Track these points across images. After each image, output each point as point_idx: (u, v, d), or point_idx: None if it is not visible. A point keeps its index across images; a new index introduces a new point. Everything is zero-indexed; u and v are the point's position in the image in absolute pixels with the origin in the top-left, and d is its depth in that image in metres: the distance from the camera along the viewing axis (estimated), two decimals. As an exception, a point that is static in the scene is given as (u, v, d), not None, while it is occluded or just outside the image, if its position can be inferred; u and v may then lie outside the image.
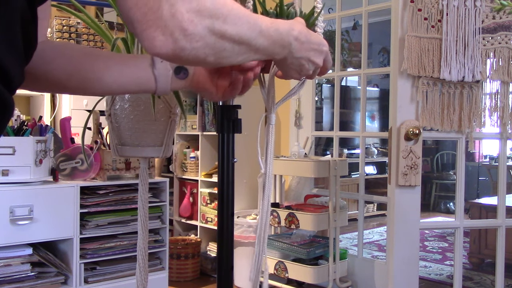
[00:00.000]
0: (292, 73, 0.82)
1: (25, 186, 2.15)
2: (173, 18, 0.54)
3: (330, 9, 4.47)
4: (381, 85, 7.33)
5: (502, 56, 2.43)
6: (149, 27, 0.55)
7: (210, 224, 3.52)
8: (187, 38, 0.56)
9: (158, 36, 0.55)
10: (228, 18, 0.59)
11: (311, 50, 0.79)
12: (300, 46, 0.77)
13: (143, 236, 1.14)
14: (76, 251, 2.27)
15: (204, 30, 0.57)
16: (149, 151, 1.09)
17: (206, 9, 0.56)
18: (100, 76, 0.83)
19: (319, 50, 0.81)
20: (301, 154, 2.90)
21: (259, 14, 0.68)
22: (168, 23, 0.54)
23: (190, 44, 0.57)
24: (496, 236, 2.58)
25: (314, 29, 0.93)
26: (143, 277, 1.14)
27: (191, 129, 3.69)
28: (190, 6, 0.55)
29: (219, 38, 0.59)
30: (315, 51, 0.80)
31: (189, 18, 0.55)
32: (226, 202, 1.11)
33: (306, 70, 0.82)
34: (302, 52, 0.78)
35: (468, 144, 2.53)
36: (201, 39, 0.57)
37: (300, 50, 0.77)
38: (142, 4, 0.54)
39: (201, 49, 0.58)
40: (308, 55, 0.79)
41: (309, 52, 0.79)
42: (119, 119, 1.08)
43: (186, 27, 0.55)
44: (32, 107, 3.65)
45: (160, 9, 0.54)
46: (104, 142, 2.45)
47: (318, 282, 2.74)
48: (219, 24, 0.58)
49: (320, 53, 0.82)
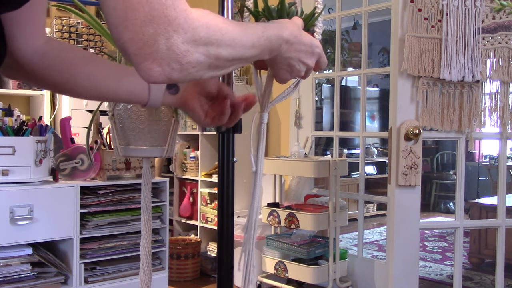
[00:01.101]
0: (282, 72, 0.83)
1: (25, 186, 2.15)
2: (169, 51, 0.55)
3: (330, 9, 4.48)
4: (381, 85, 7.33)
5: (502, 56, 2.43)
6: (146, 60, 0.55)
7: (210, 224, 3.52)
8: (183, 66, 0.57)
9: (155, 68, 0.55)
10: (222, 42, 0.60)
11: (302, 51, 0.80)
12: (289, 47, 0.77)
13: (146, 236, 1.14)
14: (76, 251, 2.27)
15: (200, 57, 0.58)
16: (153, 151, 1.09)
17: (201, 38, 0.57)
18: (97, 84, 0.85)
19: (310, 51, 0.82)
20: (301, 154, 2.90)
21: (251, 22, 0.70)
22: (165, 56, 0.55)
23: (186, 71, 0.58)
24: (496, 236, 2.58)
25: (314, 30, 0.93)
26: (147, 277, 1.14)
27: (191, 129, 3.70)
28: (186, 37, 0.55)
29: (213, 60, 0.60)
30: (306, 52, 0.81)
31: (185, 49, 0.56)
32: (226, 202, 1.11)
33: (297, 71, 0.82)
34: (291, 53, 0.78)
35: (468, 144, 2.53)
36: (197, 65, 0.58)
37: (289, 50, 0.78)
38: (138, 39, 0.54)
39: (196, 72, 0.60)
40: (298, 55, 0.80)
41: (299, 53, 0.80)
42: (123, 119, 1.08)
43: (182, 58, 0.56)
44: (32, 107, 3.65)
45: (156, 43, 0.54)
46: (104, 142, 2.45)
47: (318, 282, 2.74)
48: (214, 49, 0.59)
49: (312, 54, 0.82)
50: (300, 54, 0.80)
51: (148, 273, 1.15)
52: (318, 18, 0.94)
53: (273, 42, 0.73)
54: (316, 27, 0.94)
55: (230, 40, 0.61)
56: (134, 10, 0.53)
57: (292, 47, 0.78)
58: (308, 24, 0.93)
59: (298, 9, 0.95)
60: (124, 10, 0.53)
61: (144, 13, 0.53)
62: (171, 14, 0.54)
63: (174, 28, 0.54)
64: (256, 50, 0.69)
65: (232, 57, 0.63)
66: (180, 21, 0.54)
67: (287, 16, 0.91)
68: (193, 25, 0.56)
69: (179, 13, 0.54)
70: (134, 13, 0.53)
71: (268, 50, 0.73)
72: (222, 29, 0.60)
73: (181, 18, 0.54)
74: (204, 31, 0.57)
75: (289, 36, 0.76)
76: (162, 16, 0.53)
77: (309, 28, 0.94)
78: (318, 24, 0.94)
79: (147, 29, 0.53)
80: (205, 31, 0.57)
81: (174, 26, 0.54)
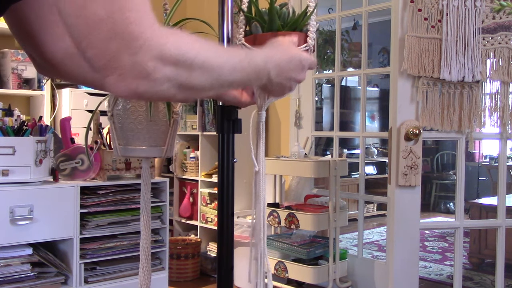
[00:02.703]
0: (276, 94, 0.84)
1: (25, 186, 2.15)
2: (134, 67, 0.54)
3: (330, 9, 4.48)
4: (381, 85, 7.33)
5: (502, 56, 2.43)
6: (111, 74, 0.54)
7: (210, 224, 3.52)
8: (150, 83, 0.56)
9: (120, 83, 0.55)
10: (195, 62, 0.59)
11: (292, 71, 0.80)
12: (279, 72, 0.77)
13: (145, 236, 1.15)
14: (76, 251, 2.27)
15: (169, 75, 0.57)
16: (152, 151, 1.10)
17: (169, 56, 0.56)
18: None
19: (300, 67, 0.82)
20: (301, 154, 2.90)
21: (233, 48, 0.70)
22: (130, 72, 0.54)
23: (153, 88, 0.57)
24: (496, 236, 2.58)
25: (307, 29, 0.93)
26: (146, 277, 1.14)
27: (191, 129, 3.70)
28: (152, 54, 0.54)
29: (185, 80, 0.59)
30: (297, 70, 0.81)
31: (152, 65, 0.54)
32: (226, 202, 1.11)
33: (289, 89, 0.83)
34: (282, 77, 0.78)
35: (468, 144, 2.53)
36: (166, 82, 0.57)
37: (280, 75, 0.77)
38: (102, 55, 0.53)
39: (167, 90, 0.58)
40: (289, 76, 0.80)
41: (291, 73, 0.80)
42: (122, 119, 1.08)
43: (148, 74, 0.55)
44: (32, 107, 3.65)
45: (121, 59, 0.53)
46: (104, 142, 2.45)
47: (318, 282, 2.74)
48: (184, 69, 0.58)
49: (302, 68, 0.82)
50: (291, 74, 0.80)
51: (148, 273, 1.15)
52: (310, 17, 0.93)
53: (259, 67, 0.72)
54: (309, 26, 0.94)
55: (204, 61, 0.60)
56: (96, 26, 0.52)
57: (283, 70, 0.78)
58: (300, 24, 0.93)
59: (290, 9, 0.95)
60: (86, 26, 0.52)
61: (107, 29, 0.52)
62: (136, 30, 0.53)
63: (139, 44, 0.53)
64: (239, 74, 0.67)
65: (209, 78, 0.62)
66: (146, 37, 0.53)
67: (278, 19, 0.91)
68: (160, 42, 0.54)
69: (145, 29, 0.53)
70: (96, 29, 0.52)
71: (254, 75, 0.72)
72: (194, 49, 0.59)
73: (146, 34, 0.53)
74: (173, 49, 0.56)
75: (278, 62, 0.76)
76: (125, 32, 0.52)
77: (301, 28, 0.94)
78: (311, 23, 0.94)
79: (111, 45, 0.52)
80: (174, 48, 0.56)
81: (138, 42, 0.53)
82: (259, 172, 0.94)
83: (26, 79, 3.38)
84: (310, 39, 0.93)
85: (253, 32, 0.94)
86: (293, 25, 0.93)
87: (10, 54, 3.26)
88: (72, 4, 0.52)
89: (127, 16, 0.52)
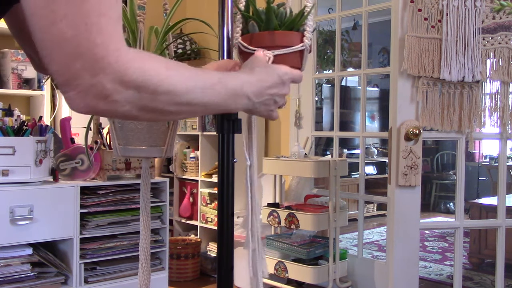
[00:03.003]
0: (266, 115, 0.83)
1: (25, 186, 2.15)
2: (94, 87, 0.54)
3: (330, 9, 4.48)
4: (381, 85, 7.33)
5: (502, 56, 2.43)
6: (71, 90, 0.55)
7: (210, 224, 3.52)
8: (109, 104, 0.56)
9: (80, 99, 0.55)
10: (159, 87, 0.59)
11: (273, 88, 0.80)
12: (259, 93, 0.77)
13: (145, 236, 1.15)
14: (76, 251, 2.27)
15: (129, 98, 0.57)
16: (152, 151, 1.10)
17: (131, 81, 0.56)
18: None
19: (281, 83, 0.82)
20: (301, 154, 2.90)
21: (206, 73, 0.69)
22: (89, 91, 0.54)
23: (113, 108, 0.57)
24: (496, 236, 2.58)
25: (304, 29, 0.93)
26: (145, 277, 1.14)
27: (191, 129, 3.70)
28: (114, 77, 0.55)
29: (149, 104, 0.59)
30: (277, 87, 0.81)
31: (112, 87, 0.55)
32: (226, 202, 1.11)
33: (276, 105, 0.83)
34: (264, 97, 0.79)
35: (468, 144, 2.53)
36: (127, 104, 0.57)
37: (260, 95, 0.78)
38: (63, 72, 0.54)
39: (129, 111, 0.59)
40: (271, 93, 0.80)
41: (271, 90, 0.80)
42: (122, 119, 1.08)
43: (107, 95, 0.55)
44: (32, 107, 3.65)
45: (81, 78, 0.54)
46: (104, 142, 2.45)
47: (318, 282, 2.74)
48: (147, 94, 0.58)
49: (283, 83, 0.82)
50: (272, 91, 0.80)
51: (147, 274, 1.15)
52: (308, 18, 0.93)
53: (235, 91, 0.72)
54: (306, 26, 0.94)
55: (170, 85, 0.60)
56: (60, 45, 0.52)
57: (262, 91, 0.78)
58: (297, 24, 0.93)
59: (287, 9, 0.95)
60: (50, 43, 0.53)
61: (71, 49, 0.52)
62: (100, 53, 0.53)
63: (101, 66, 0.53)
64: (213, 98, 0.68)
65: (176, 102, 0.62)
66: (110, 60, 0.54)
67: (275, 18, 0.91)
68: (124, 66, 0.55)
69: (110, 52, 0.54)
70: (60, 48, 0.53)
71: (231, 99, 0.72)
72: (160, 74, 0.59)
73: (111, 57, 0.54)
74: (136, 74, 0.56)
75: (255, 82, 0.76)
76: (89, 53, 0.53)
77: (298, 27, 0.94)
78: (308, 23, 0.94)
79: (74, 64, 0.53)
80: (138, 73, 0.56)
81: (101, 64, 0.53)
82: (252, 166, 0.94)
83: (26, 79, 3.38)
84: (306, 39, 0.93)
85: (250, 31, 0.94)
86: (290, 24, 0.93)
87: (10, 54, 3.26)
88: (42, 20, 0.52)
89: (93, 38, 0.53)
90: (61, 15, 0.52)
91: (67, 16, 0.52)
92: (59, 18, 0.52)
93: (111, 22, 0.54)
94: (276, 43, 0.92)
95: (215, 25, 1.16)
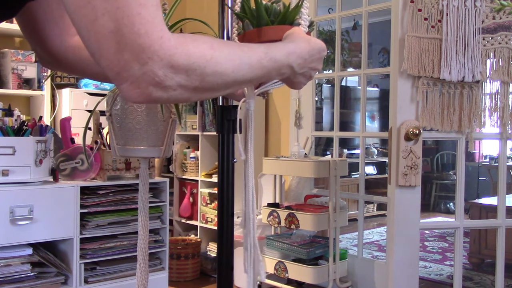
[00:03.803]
0: (298, 85, 0.85)
1: (25, 186, 2.15)
2: (145, 75, 0.56)
3: (330, 9, 4.48)
4: (381, 85, 7.33)
5: (502, 56, 2.43)
6: (124, 82, 0.56)
7: (210, 224, 3.52)
8: (162, 90, 0.58)
9: (134, 89, 0.57)
10: (207, 67, 0.60)
11: (314, 61, 0.82)
12: (302, 64, 0.78)
13: (143, 236, 1.14)
14: (76, 251, 2.27)
15: (181, 82, 0.58)
16: (150, 151, 1.09)
17: (179, 65, 0.57)
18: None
19: (319, 57, 0.83)
20: (301, 154, 2.90)
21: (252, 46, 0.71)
22: (141, 79, 0.56)
23: (167, 94, 0.59)
24: (496, 236, 2.58)
25: (298, 22, 0.93)
26: (143, 278, 1.14)
27: (191, 129, 3.70)
28: (162, 64, 0.56)
29: (199, 84, 0.61)
30: (317, 60, 0.82)
31: (163, 74, 0.56)
32: (226, 202, 1.11)
33: (310, 78, 0.84)
34: (305, 68, 0.80)
35: (468, 144, 2.53)
36: (179, 88, 0.59)
37: (303, 67, 0.79)
38: (113, 65, 0.55)
39: (181, 95, 0.60)
40: (311, 66, 0.81)
41: (312, 63, 0.81)
42: (120, 119, 1.08)
43: (159, 82, 0.57)
44: (32, 107, 3.65)
45: (131, 68, 0.55)
46: (104, 142, 2.45)
47: (318, 282, 2.74)
48: (197, 75, 0.59)
49: (320, 59, 0.84)
50: (313, 64, 0.81)
51: (145, 274, 1.15)
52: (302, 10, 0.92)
53: (280, 63, 0.73)
54: (301, 19, 0.93)
55: (216, 65, 0.61)
56: (106, 40, 0.54)
57: (305, 62, 0.79)
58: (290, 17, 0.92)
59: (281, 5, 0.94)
60: (96, 40, 0.55)
61: (116, 42, 0.54)
62: (145, 42, 0.54)
63: (149, 55, 0.55)
64: (258, 72, 0.69)
65: (224, 80, 0.63)
66: (155, 48, 0.55)
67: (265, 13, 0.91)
68: (169, 52, 0.56)
69: (154, 41, 0.55)
70: (106, 42, 0.54)
71: (275, 71, 0.73)
72: (206, 55, 0.60)
73: (156, 45, 0.55)
74: (183, 58, 0.57)
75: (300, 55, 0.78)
76: (135, 44, 0.54)
77: (292, 21, 0.93)
78: (303, 16, 0.93)
79: (122, 56, 0.54)
80: (184, 57, 0.57)
81: (148, 53, 0.55)
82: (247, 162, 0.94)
83: (26, 79, 3.38)
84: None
85: (245, 30, 0.94)
86: (282, 18, 0.92)
87: (10, 54, 3.26)
88: (85, 18, 0.54)
89: (136, 29, 0.54)
90: (102, 10, 0.53)
91: (108, 11, 0.53)
92: (100, 13, 0.53)
93: (151, 10, 0.55)
94: (266, 38, 0.90)
95: (215, 25, 1.16)
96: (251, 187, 0.95)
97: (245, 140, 0.94)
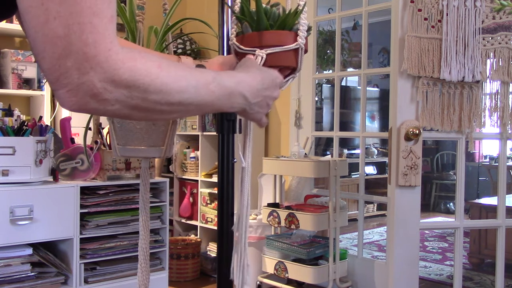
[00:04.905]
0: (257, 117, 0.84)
1: (25, 186, 2.15)
2: (83, 85, 0.55)
3: (330, 9, 4.48)
4: (381, 85, 7.33)
5: (502, 56, 2.43)
6: (61, 88, 0.55)
7: (210, 224, 3.52)
8: (99, 102, 0.57)
9: (70, 97, 0.56)
10: (151, 86, 0.59)
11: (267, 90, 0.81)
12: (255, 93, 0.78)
13: (144, 236, 1.15)
14: (76, 251, 2.27)
15: (120, 97, 0.57)
16: (151, 151, 1.10)
17: (122, 80, 0.56)
18: None
19: (273, 85, 0.83)
20: (301, 154, 2.90)
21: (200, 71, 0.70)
22: (79, 89, 0.55)
23: (103, 107, 0.58)
24: (496, 236, 2.58)
25: (297, 28, 0.93)
26: (144, 277, 1.14)
27: (191, 129, 3.70)
28: (104, 76, 0.55)
29: (140, 102, 0.59)
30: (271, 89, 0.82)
31: (101, 86, 0.55)
32: (226, 202, 1.11)
33: (268, 107, 0.84)
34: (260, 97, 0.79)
35: (468, 144, 2.53)
36: (117, 103, 0.58)
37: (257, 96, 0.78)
38: (54, 70, 0.54)
39: (119, 110, 0.59)
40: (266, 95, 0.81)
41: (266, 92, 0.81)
42: (121, 119, 1.08)
43: (96, 94, 0.56)
44: (32, 107, 3.65)
45: (71, 76, 0.54)
46: (104, 142, 2.45)
47: (318, 282, 2.74)
48: (139, 93, 0.58)
49: (275, 87, 0.83)
50: (267, 93, 0.81)
51: (146, 274, 1.15)
52: (301, 16, 0.93)
53: (229, 90, 0.72)
54: (299, 25, 0.93)
55: (162, 84, 0.60)
56: (51, 44, 0.53)
57: (258, 91, 0.78)
58: (289, 23, 0.92)
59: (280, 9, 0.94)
60: (43, 43, 0.54)
61: (62, 47, 0.53)
62: (90, 52, 0.54)
63: (92, 65, 0.54)
64: (207, 96, 0.68)
65: (168, 101, 0.62)
66: (100, 59, 0.54)
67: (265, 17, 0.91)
68: (114, 66, 0.55)
69: (100, 52, 0.54)
70: (52, 47, 0.53)
71: (226, 98, 0.72)
72: (152, 74, 0.59)
73: (101, 57, 0.54)
74: (127, 74, 0.56)
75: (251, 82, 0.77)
76: (80, 52, 0.53)
77: (291, 27, 0.93)
78: (301, 22, 0.93)
79: (64, 62, 0.54)
80: (128, 73, 0.56)
81: (92, 63, 0.54)
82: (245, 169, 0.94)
83: (26, 79, 3.38)
84: (300, 38, 0.92)
85: (244, 32, 0.94)
86: (282, 24, 0.92)
87: (10, 54, 3.26)
88: (36, 18, 0.53)
89: (85, 38, 0.53)
90: (54, 14, 0.52)
91: (60, 15, 0.52)
92: (52, 16, 0.52)
93: (104, 22, 0.54)
94: (266, 42, 0.90)
95: (215, 25, 1.16)
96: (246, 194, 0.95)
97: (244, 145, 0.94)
